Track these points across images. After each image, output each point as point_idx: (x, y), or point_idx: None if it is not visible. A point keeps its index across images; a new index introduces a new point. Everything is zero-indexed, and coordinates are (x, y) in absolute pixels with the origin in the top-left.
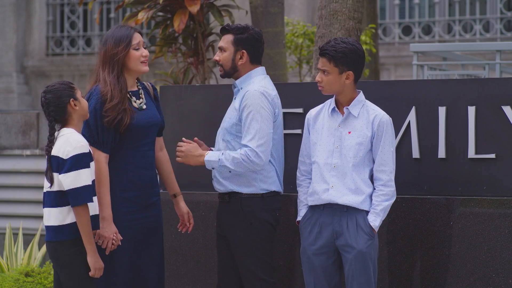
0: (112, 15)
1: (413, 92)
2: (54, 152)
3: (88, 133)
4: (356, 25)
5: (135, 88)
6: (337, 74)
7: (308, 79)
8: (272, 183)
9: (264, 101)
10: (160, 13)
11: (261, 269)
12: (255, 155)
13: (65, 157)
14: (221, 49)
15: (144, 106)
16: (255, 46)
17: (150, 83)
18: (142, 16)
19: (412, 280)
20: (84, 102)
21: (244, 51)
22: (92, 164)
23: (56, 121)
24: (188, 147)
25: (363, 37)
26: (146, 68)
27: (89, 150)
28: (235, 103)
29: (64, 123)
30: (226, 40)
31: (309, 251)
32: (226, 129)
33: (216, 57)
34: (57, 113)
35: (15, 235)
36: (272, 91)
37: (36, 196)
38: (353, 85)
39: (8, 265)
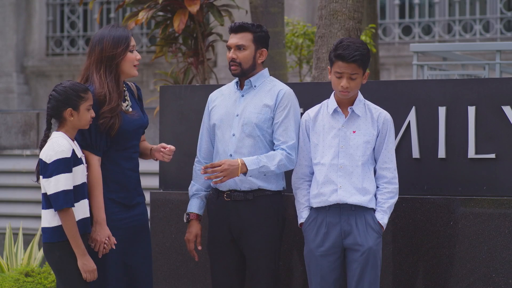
0: (112, 15)
1: (413, 92)
2: (41, 154)
3: (80, 136)
4: (356, 25)
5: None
6: (361, 76)
7: (308, 79)
8: (284, 180)
9: (296, 101)
10: (160, 13)
11: (277, 265)
12: (296, 154)
13: (48, 162)
14: (240, 47)
15: (130, 109)
16: (268, 44)
17: (133, 83)
18: (142, 16)
19: (412, 280)
20: (85, 116)
21: (264, 49)
22: (76, 169)
23: (53, 117)
24: (228, 162)
25: (363, 37)
26: (136, 72)
27: (71, 155)
28: (264, 100)
29: (59, 123)
30: (247, 38)
31: (317, 253)
32: (256, 125)
33: (233, 55)
34: (53, 112)
35: (15, 235)
36: None
37: (36, 196)
38: None
39: (8, 265)
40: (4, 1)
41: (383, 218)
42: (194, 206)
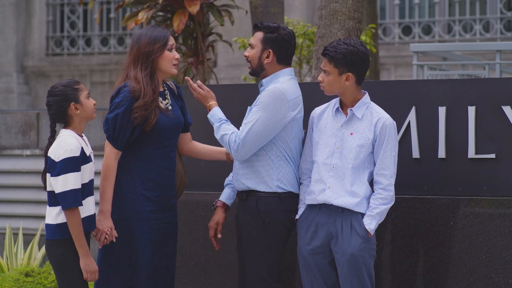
0: (112, 15)
1: (413, 92)
2: (49, 152)
3: (105, 126)
4: (356, 25)
5: (161, 89)
6: (336, 75)
7: (308, 79)
8: (289, 184)
9: (276, 100)
10: (160, 13)
11: (266, 270)
12: (238, 145)
13: (56, 160)
14: (251, 45)
15: (170, 107)
16: (283, 47)
17: (173, 82)
18: (142, 16)
19: (412, 280)
20: (88, 104)
21: (270, 50)
22: (85, 167)
23: (57, 122)
24: (209, 94)
25: (363, 37)
26: (176, 70)
27: (80, 154)
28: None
29: (66, 124)
30: (257, 38)
31: (304, 251)
32: None
33: (246, 53)
34: (57, 116)
35: (15, 235)
36: (293, 93)
37: (36, 196)
38: (356, 87)
39: (8, 265)
40: (4, 1)
41: (370, 223)
42: (223, 195)
